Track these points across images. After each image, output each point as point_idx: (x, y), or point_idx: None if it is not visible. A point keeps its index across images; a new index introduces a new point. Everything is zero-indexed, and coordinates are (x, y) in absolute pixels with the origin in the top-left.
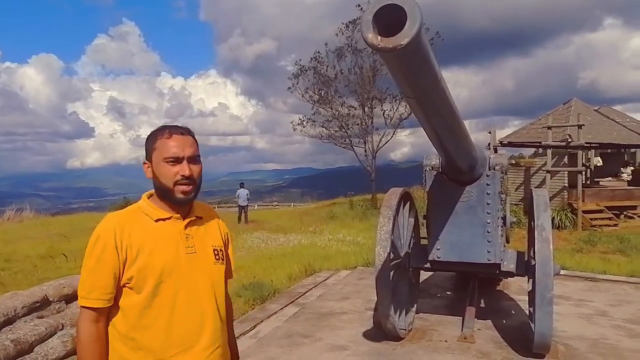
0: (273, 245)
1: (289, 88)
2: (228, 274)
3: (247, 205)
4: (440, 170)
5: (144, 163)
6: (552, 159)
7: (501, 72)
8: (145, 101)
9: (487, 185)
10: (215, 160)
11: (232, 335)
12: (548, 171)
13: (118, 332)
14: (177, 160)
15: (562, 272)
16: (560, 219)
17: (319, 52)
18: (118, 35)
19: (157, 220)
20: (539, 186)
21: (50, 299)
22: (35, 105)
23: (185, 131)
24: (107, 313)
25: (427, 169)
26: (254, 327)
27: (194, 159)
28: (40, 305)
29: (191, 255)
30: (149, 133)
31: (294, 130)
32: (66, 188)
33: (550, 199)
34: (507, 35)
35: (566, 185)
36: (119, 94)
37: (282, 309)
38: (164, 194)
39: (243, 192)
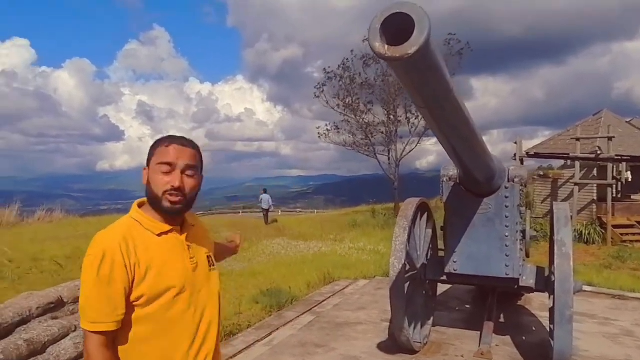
0: (293, 252)
1: (315, 93)
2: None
3: (269, 209)
4: (457, 181)
5: (144, 169)
6: (580, 171)
7: (532, 81)
8: (174, 106)
9: (506, 197)
10: (241, 166)
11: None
12: (576, 184)
13: (124, 347)
14: (169, 167)
15: (588, 288)
16: (588, 233)
17: (347, 59)
18: (148, 41)
19: (159, 235)
20: (566, 199)
21: (65, 301)
22: (68, 109)
23: (187, 143)
24: (116, 334)
25: (445, 179)
26: (270, 334)
27: (189, 170)
28: (54, 307)
29: (194, 266)
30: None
31: (319, 137)
32: (96, 190)
33: (579, 212)
34: (539, 44)
35: (595, 198)
36: (148, 98)
37: (298, 317)
38: (153, 201)
39: (266, 197)
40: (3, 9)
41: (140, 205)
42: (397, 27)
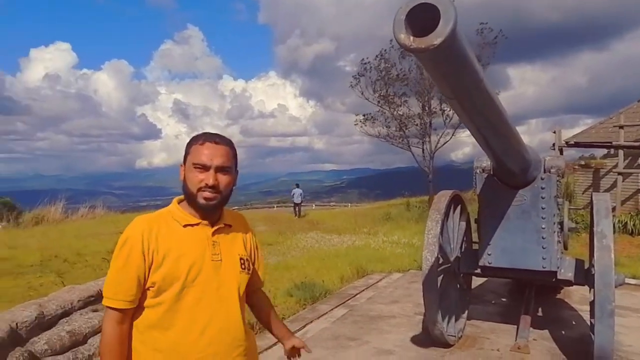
0: (327, 246)
1: (351, 83)
2: (258, 282)
3: (301, 203)
4: (491, 172)
5: (180, 165)
6: (624, 160)
7: (572, 68)
8: (208, 103)
9: (542, 188)
10: (275, 161)
11: (279, 321)
12: (620, 173)
13: (139, 331)
14: (204, 168)
15: (632, 281)
16: (633, 224)
17: (385, 50)
18: (183, 40)
19: (185, 226)
20: (609, 189)
21: None
22: (107, 109)
23: (221, 140)
24: (131, 314)
25: (478, 171)
26: (303, 327)
27: (223, 170)
28: (94, 299)
29: (217, 263)
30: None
31: (355, 125)
32: (135, 187)
33: (623, 202)
34: (579, 29)
35: None
36: (183, 96)
37: (331, 310)
38: (189, 198)
39: (297, 191)
40: (47, 14)
41: (180, 202)
42: (423, 18)
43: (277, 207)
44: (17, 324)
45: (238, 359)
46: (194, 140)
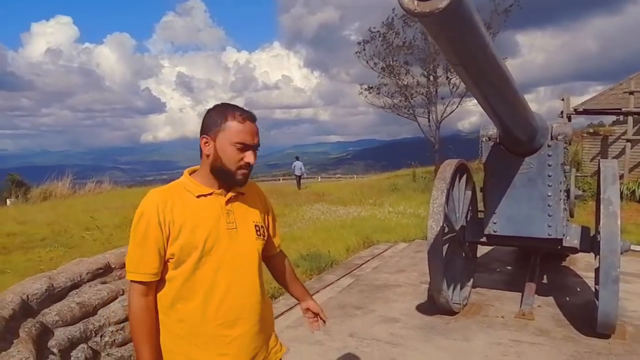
0: (332, 217)
1: (357, 52)
2: (273, 248)
3: (301, 175)
4: (497, 140)
5: (203, 137)
6: (633, 126)
7: (584, 33)
8: (212, 76)
9: (549, 156)
10: (280, 133)
11: (298, 281)
12: (628, 140)
13: (162, 304)
14: (245, 147)
15: (638, 248)
16: None
17: (390, 18)
18: (185, 12)
19: (198, 196)
20: (618, 156)
21: (112, 266)
22: (111, 83)
23: (255, 118)
24: (155, 286)
25: (484, 139)
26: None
27: (257, 147)
28: (103, 272)
29: (232, 231)
30: (213, 107)
31: (360, 94)
32: (141, 161)
33: (631, 170)
34: None
35: None
36: (187, 69)
37: (337, 280)
38: (221, 174)
39: (298, 164)
40: None
41: (191, 173)
42: None
43: (282, 179)
44: (27, 296)
45: (259, 324)
46: (228, 114)
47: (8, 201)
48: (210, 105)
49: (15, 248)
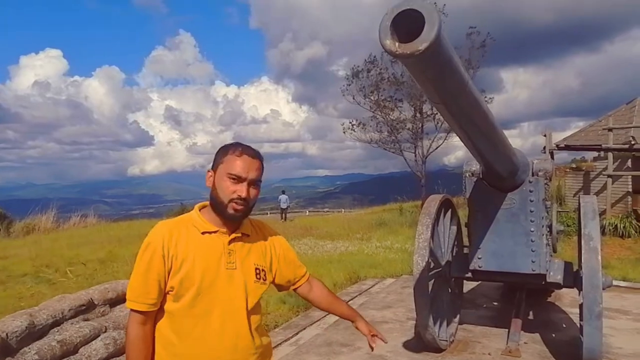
0: (320, 252)
1: (342, 89)
2: (295, 277)
3: (287, 208)
4: (480, 176)
5: (208, 171)
6: (614, 162)
7: (565, 71)
8: (201, 109)
9: (530, 192)
10: (268, 167)
11: (340, 302)
12: (609, 176)
13: (160, 336)
14: (238, 180)
15: (622, 283)
16: (624, 227)
17: (374, 56)
18: (174, 46)
19: (203, 233)
20: (600, 192)
21: (96, 303)
22: (99, 116)
23: (256, 154)
24: (154, 316)
25: (467, 175)
26: (297, 333)
27: (255, 183)
28: (86, 309)
29: (231, 271)
30: (223, 146)
31: (344, 132)
32: (128, 195)
33: (613, 205)
34: (572, 30)
35: (630, 190)
36: (176, 103)
37: (324, 316)
38: (217, 206)
39: (283, 197)
40: (38, 21)
41: (201, 208)
42: (408, 24)
43: (270, 213)
44: (7, 334)
45: None
46: (229, 149)
47: None
48: (200, 139)
49: None
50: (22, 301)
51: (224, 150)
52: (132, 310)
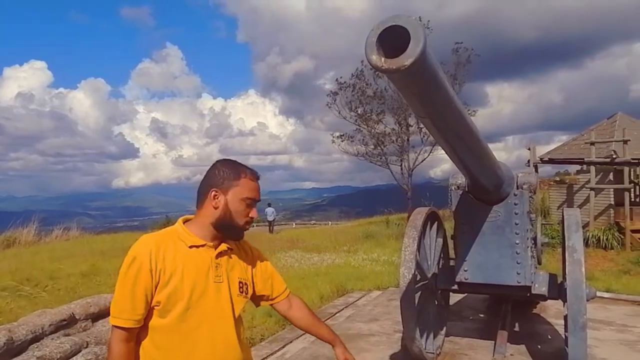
0: (306, 265)
1: (328, 104)
2: (274, 293)
3: (273, 220)
4: (466, 189)
5: (213, 190)
6: (596, 175)
7: (549, 86)
8: (187, 122)
9: (515, 204)
10: None
11: (320, 324)
12: (592, 189)
13: (145, 353)
14: (253, 203)
15: (606, 295)
16: (606, 239)
17: (360, 70)
18: (161, 58)
19: (190, 247)
20: (583, 204)
21: (77, 317)
22: (84, 128)
23: (259, 177)
24: (137, 333)
25: (453, 188)
26: (283, 347)
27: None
28: (67, 324)
29: (219, 284)
30: (221, 162)
31: (333, 142)
32: (112, 207)
33: (596, 217)
34: (556, 46)
35: (612, 203)
36: (162, 115)
37: None
38: (227, 227)
39: (270, 210)
40: (23, 33)
41: (184, 222)
42: (394, 40)
43: (256, 226)
44: None
45: None
46: (241, 172)
47: None
48: (186, 151)
49: None
50: (0, 316)
51: (235, 172)
52: (115, 327)
